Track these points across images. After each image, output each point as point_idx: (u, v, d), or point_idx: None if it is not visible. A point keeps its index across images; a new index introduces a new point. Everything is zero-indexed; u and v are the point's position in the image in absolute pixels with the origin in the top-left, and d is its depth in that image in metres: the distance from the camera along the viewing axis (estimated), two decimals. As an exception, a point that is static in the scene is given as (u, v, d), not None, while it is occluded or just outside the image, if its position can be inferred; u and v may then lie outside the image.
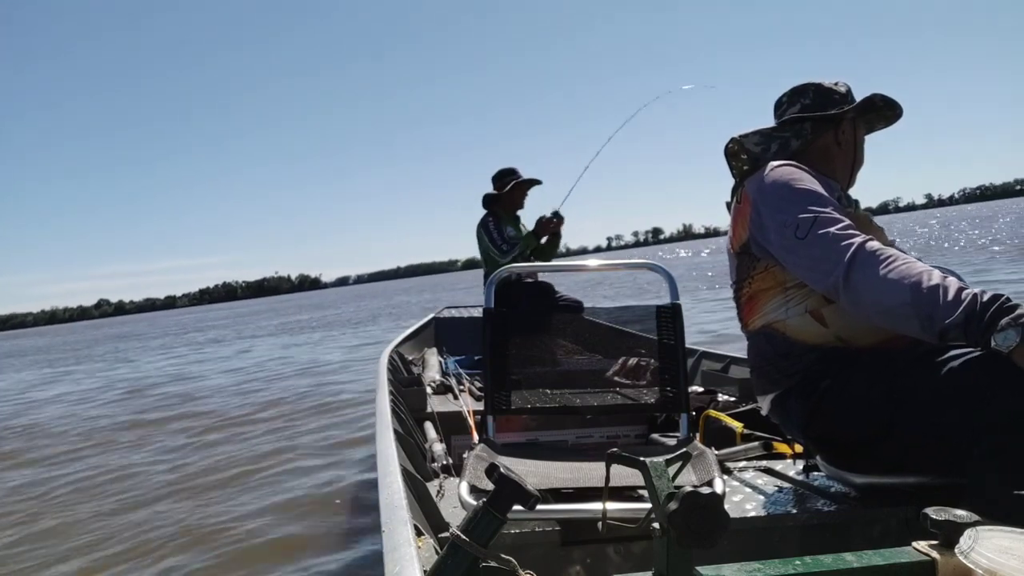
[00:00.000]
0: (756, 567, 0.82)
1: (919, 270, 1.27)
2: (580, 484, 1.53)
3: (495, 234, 4.11)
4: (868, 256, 1.33)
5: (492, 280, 2.11)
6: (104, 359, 19.03)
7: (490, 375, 1.94)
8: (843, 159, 1.68)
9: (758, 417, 2.15)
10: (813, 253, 1.40)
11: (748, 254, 1.60)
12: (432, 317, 5.54)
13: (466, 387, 3.23)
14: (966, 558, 0.77)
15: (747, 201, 1.58)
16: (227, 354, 15.13)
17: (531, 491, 0.84)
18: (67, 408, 9.00)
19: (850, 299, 1.35)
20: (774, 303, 1.57)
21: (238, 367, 11.78)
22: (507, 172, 4.26)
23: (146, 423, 6.97)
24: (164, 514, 3.70)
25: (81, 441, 6.30)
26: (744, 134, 1.69)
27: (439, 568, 0.82)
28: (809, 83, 1.70)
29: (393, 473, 1.52)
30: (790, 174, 1.53)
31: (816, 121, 1.66)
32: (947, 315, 1.20)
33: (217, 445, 5.41)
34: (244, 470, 4.48)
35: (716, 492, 0.79)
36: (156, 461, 5.11)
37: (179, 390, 9.44)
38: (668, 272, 2.06)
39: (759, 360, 1.63)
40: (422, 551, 1.24)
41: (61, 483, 4.71)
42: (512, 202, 4.25)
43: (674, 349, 1.96)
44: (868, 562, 0.82)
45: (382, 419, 2.16)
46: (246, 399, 7.76)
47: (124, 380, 12.02)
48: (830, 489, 1.61)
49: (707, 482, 1.42)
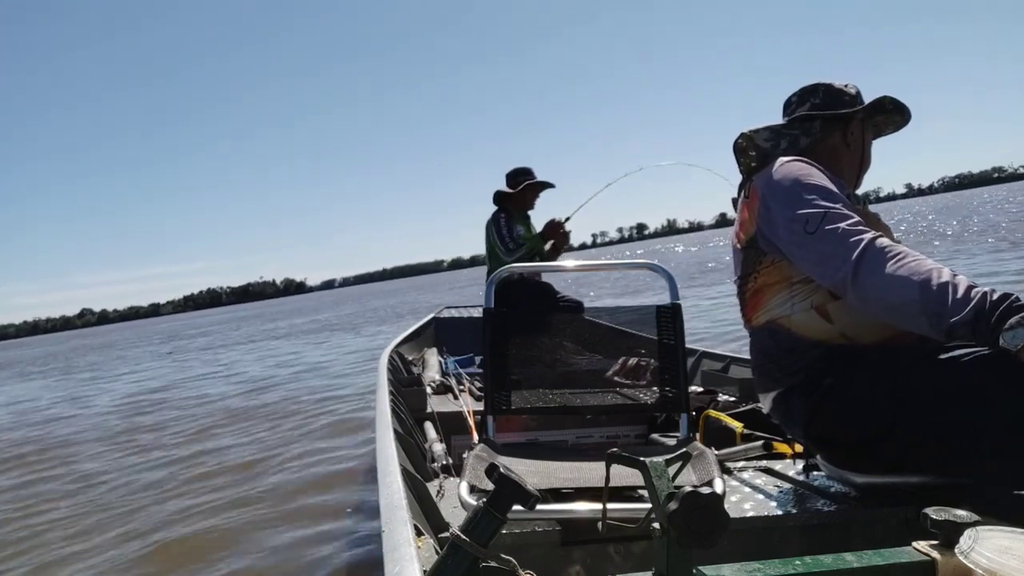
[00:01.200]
0: (756, 567, 0.82)
1: (928, 267, 1.27)
2: (580, 484, 1.53)
3: (504, 231, 4.11)
4: (877, 252, 1.32)
5: (492, 280, 2.10)
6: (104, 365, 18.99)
7: (490, 375, 1.94)
8: (851, 160, 1.68)
9: (758, 417, 2.15)
10: (822, 248, 1.40)
11: (754, 248, 1.60)
12: (432, 317, 5.54)
13: (466, 387, 3.23)
14: (966, 558, 0.77)
15: (755, 196, 1.58)
16: (218, 359, 15.12)
17: (531, 491, 0.84)
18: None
19: (858, 295, 1.34)
20: (779, 298, 1.56)
21: (237, 372, 11.78)
22: (521, 172, 4.26)
23: (148, 424, 6.98)
24: (163, 516, 3.70)
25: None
26: (754, 129, 1.70)
27: (439, 568, 0.82)
28: (819, 83, 1.71)
29: (393, 473, 1.52)
30: (800, 169, 1.53)
31: (826, 120, 1.66)
32: (956, 313, 1.20)
33: (216, 446, 5.41)
34: (243, 471, 4.48)
35: (716, 492, 0.79)
36: (152, 463, 5.11)
37: (172, 396, 9.44)
38: (668, 272, 2.06)
39: (762, 357, 1.63)
40: (422, 551, 1.24)
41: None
42: (523, 202, 4.25)
43: (674, 349, 1.96)
44: (868, 562, 0.82)
45: (382, 419, 2.16)
46: (247, 400, 7.76)
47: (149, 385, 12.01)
48: (830, 489, 1.61)
49: (707, 482, 1.42)
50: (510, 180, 4.26)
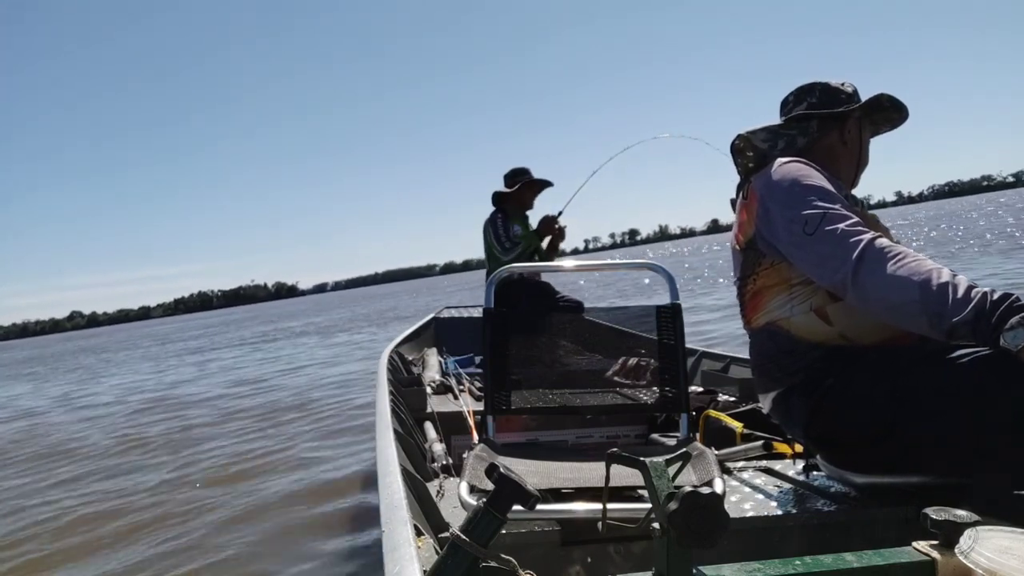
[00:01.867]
0: (756, 567, 0.82)
1: (928, 267, 1.26)
2: (580, 484, 1.53)
3: (501, 231, 4.12)
4: (877, 253, 1.32)
5: (492, 280, 2.10)
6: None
7: (490, 375, 1.94)
8: (848, 159, 1.68)
9: (758, 417, 2.15)
10: (821, 249, 1.40)
11: (754, 250, 1.60)
12: (432, 317, 5.54)
13: (466, 387, 3.23)
14: (966, 558, 0.77)
15: (754, 197, 1.58)
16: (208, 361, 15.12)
17: (531, 491, 0.84)
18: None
19: (858, 296, 1.34)
20: (778, 300, 1.56)
21: (228, 376, 11.78)
22: (519, 171, 4.28)
23: (147, 428, 6.98)
24: (166, 515, 3.70)
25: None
26: (751, 130, 1.69)
27: (439, 568, 0.82)
28: (816, 82, 1.70)
29: (393, 473, 1.52)
30: (799, 170, 1.53)
31: (822, 119, 1.66)
32: (956, 313, 1.20)
33: (216, 446, 5.41)
34: (242, 471, 4.48)
35: (716, 492, 0.79)
36: (148, 464, 5.11)
37: (171, 397, 9.44)
38: (668, 272, 2.06)
39: (761, 358, 1.63)
40: (422, 551, 1.24)
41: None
42: (521, 201, 4.26)
43: (674, 349, 1.96)
44: (868, 562, 0.82)
45: (382, 419, 2.16)
46: (239, 402, 7.76)
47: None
48: (830, 489, 1.61)
49: (707, 482, 1.42)
50: (507, 180, 4.27)
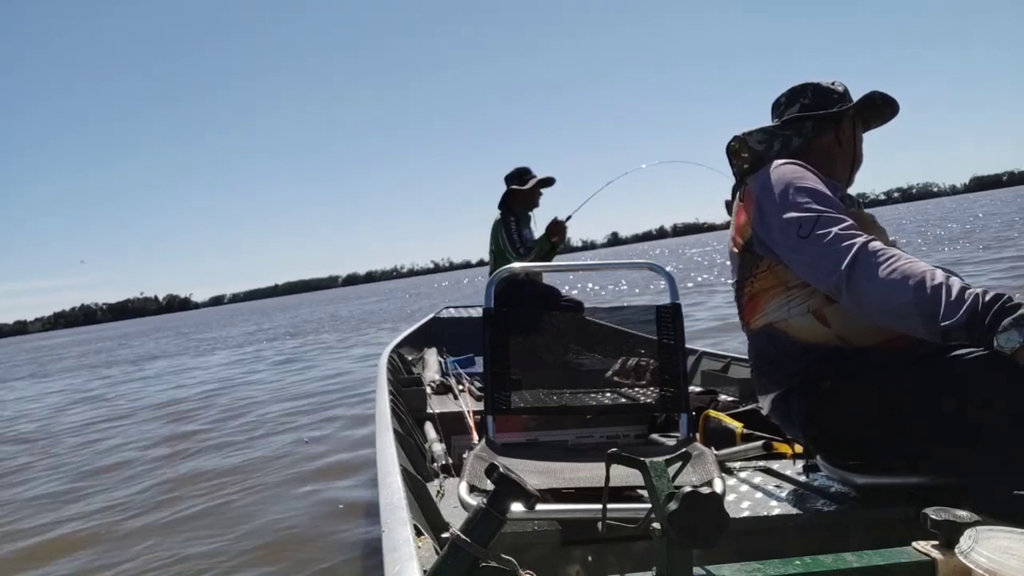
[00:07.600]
0: (756, 567, 0.82)
1: (922, 270, 1.27)
2: (580, 484, 1.53)
3: (515, 235, 4.17)
4: (870, 256, 1.32)
5: (492, 280, 2.10)
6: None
7: (490, 375, 1.94)
8: (844, 158, 1.69)
9: (758, 417, 2.15)
10: (815, 252, 1.40)
11: (751, 252, 1.60)
12: (432, 317, 5.54)
13: (466, 387, 3.23)
14: (966, 558, 0.77)
15: (750, 199, 1.58)
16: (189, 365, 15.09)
17: (531, 491, 0.84)
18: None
19: (852, 299, 1.35)
20: (776, 302, 1.57)
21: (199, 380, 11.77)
22: (524, 171, 4.32)
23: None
24: (166, 516, 3.70)
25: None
26: (747, 132, 1.70)
27: (439, 568, 0.82)
28: (807, 83, 1.71)
29: (393, 473, 1.52)
30: (794, 172, 1.53)
31: (817, 120, 1.66)
32: (950, 315, 1.20)
33: (216, 447, 5.41)
34: (242, 472, 4.48)
35: (716, 492, 0.79)
36: (146, 464, 5.11)
37: (162, 399, 9.43)
38: (668, 272, 2.06)
39: (760, 360, 1.63)
40: (422, 551, 1.24)
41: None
42: (531, 200, 4.30)
43: (674, 349, 1.96)
44: (868, 562, 0.82)
45: (382, 419, 2.16)
46: (227, 410, 7.76)
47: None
48: (830, 489, 1.61)
49: (707, 482, 1.42)
50: (515, 179, 4.29)
